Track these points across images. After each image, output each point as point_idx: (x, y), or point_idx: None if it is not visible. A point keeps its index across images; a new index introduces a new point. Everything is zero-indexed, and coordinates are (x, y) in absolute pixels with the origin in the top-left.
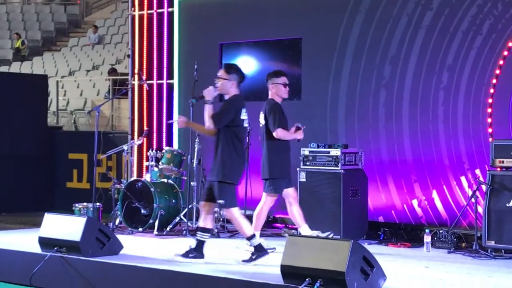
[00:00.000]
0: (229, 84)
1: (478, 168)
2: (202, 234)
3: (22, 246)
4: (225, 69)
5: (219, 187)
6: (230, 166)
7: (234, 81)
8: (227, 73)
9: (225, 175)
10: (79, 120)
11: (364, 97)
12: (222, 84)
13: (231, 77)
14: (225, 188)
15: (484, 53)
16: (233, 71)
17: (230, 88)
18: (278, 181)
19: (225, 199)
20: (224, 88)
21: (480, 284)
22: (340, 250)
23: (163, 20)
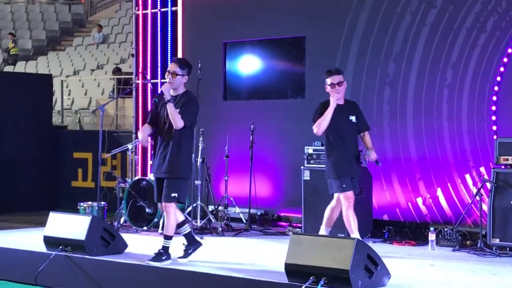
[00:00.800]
0: (182, 79)
1: (482, 165)
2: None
3: (27, 245)
4: (179, 63)
5: (178, 182)
6: (189, 164)
7: (186, 75)
8: (181, 68)
9: (185, 173)
10: (84, 119)
11: (368, 95)
12: (176, 79)
13: (185, 72)
14: (182, 184)
15: (488, 50)
16: (186, 66)
17: (182, 83)
18: None
19: (179, 193)
20: (178, 83)
21: (485, 282)
22: (344, 248)
23: (167, 19)
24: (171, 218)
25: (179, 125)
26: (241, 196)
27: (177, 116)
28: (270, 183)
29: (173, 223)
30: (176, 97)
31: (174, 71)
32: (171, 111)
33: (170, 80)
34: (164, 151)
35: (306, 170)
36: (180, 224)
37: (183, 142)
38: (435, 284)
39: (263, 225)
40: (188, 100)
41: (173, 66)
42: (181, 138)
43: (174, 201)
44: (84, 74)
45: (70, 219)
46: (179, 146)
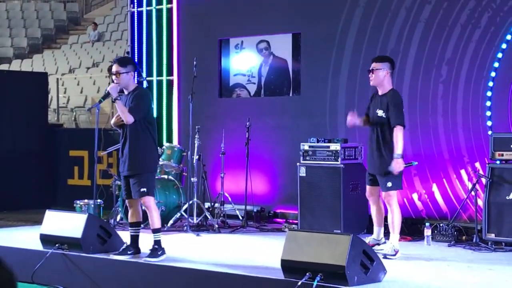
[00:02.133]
0: (128, 76)
1: (477, 161)
2: (133, 229)
3: (24, 243)
4: (120, 63)
5: (144, 177)
6: (150, 156)
7: (132, 72)
8: (124, 67)
9: (149, 166)
10: (80, 117)
11: (363, 91)
12: (122, 78)
13: (129, 69)
14: (149, 177)
15: (482, 46)
16: (128, 63)
17: (129, 81)
18: None
19: (148, 187)
20: (124, 81)
21: (480, 276)
22: (340, 244)
23: (162, 16)
24: (152, 211)
25: (129, 120)
26: (237, 193)
27: (125, 112)
28: (266, 179)
29: (155, 215)
30: (128, 94)
31: (117, 71)
32: (120, 108)
33: (116, 80)
34: (124, 149)
35: (302, 167)
36: (134, 224)
37: (140, 137)
38: (431, 279)
39: (259, 221)
40: (136, 95)
41: (115, 66)
42: (138, 133)
43: (145, 195)
44: (80, 72)
45: (67, 217)
46: (137, 142)
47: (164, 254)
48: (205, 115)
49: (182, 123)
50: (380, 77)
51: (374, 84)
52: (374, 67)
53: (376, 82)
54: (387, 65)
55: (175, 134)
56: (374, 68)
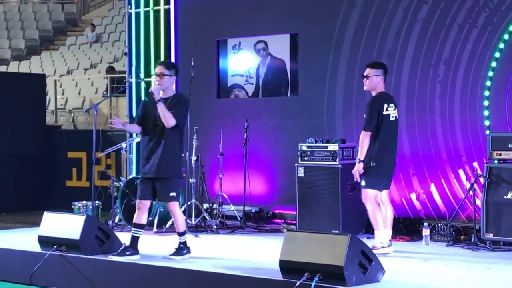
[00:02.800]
0: (170, 80)
1: (475, 161)
2: (137, 230)
3: (22, 245)
4: (165, 65)
5: (174, 182)
6: (180, 161)
7: (174, 76)
8: (168, 69)
9: (179, 171)
10: (78, 118)
11: (361, 91)
12: (164, 80)
13: (172, 73)
14: (178, 183)
15: (480, 46)
16: (173, 67)
17: (171, 85)
18: None
19: (176, 192)
20: (166, 84)
21: (479, 276)
22: (338, 245)
23: (159, 17)
24: (177, 215)
25: (171, 123)
26: (236, 194)
27: (168, 115)
28: (264, 180)
29: (180, 218)
30: (167, 99)
31: (161, 72)
32: (162, 110)
33: (158, 82)
34: (155, 151)
35: (300, 167)
36: (138, 225)
37: (175, 142)
38: (429, 279)
39: (257, 222)
40: (178, 100)
41: (160, 68)
42: (174, 138)
43: (174, 200)
44: (78, 73)
45: (65, 219)
46: (172, 146)
47: (189, 253)
48: (203, 116)
49: None
50: (374, 83)
51: (368, 89)
52: (368, 73)
53: (370, 87)
54: (381, 71)
55: None
56: (368, 75)
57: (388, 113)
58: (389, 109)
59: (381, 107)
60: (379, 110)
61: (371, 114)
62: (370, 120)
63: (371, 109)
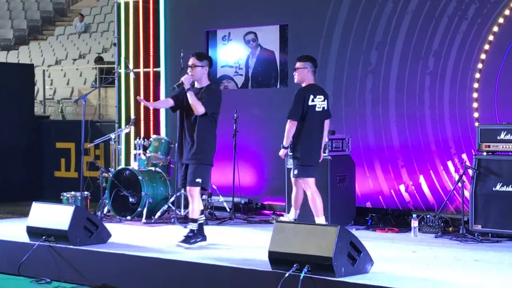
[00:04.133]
0: (202, 70)
1: (464, 152)
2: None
3: (10, 235)
4: (197, 56)
5: (202, 168)
6: (210, 150)
7: (206, 67)
8: (200, 61)
9: (210, 159)
10: (66, 109)
11: (350, 83)
12: (196, 71)
13: (204, 64)
14: (206, 170)
15: (469, 38)
16: (205, 58)
17: (203, 75)
18: None
19: (203, 179)
20: (198, 75)
21: (467, 267)
22: (327, 236)
23: (148, 8)
24: (195, 202)
25: (200, 111)
26: (225, 185)
27: (198, 103)
28: (253, 171)
29: (197, 206)
30: (201, 89)
31: (193, 63)
32: (192, 98)
33: (191, 72)
34: (189, 139)
35: (289, 159)
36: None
37: (207, 130)
38: (418, 270)
39: (247, 213)
40: (210, 90)
41: (192, 59)
42: (205, 126)
43: (198, 186)
44: (66, 63)
45: (53, 209)
46: (204, 133)
47: (204, 241)
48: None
49: (169, 115)
50: (302, 75)
51: (297, 81)
52: (297, 66)
53: (298, 80)
54: (309, 64)
55: (162, 126)
56: (297, 68)
57: (314, 104)
58: (315, 100)
59: (306, 98)
60: (304, 100)
61: (296, 104)
62: (294, 110)
63: (296, 99)
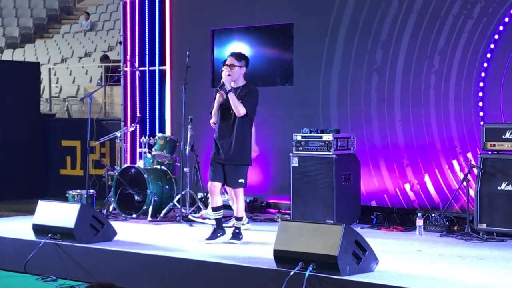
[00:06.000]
0: (240, 71)
1: (469, 151)
2: (217, 212)
3: (16, 233)
4: (235, 56)
5: (243, 169)
6: (249, 150)
7: (244, 67)
8: (238, 61)
9: (248, 159)
10: (72, 107)
11: (356, 82)
12: (235, 71)
13: (242, 64)
14: (245, 170)
15: (475, 37)
16: (243, 58)
17: (241, 75)
18: None
19: (245, 179)
20: (237, 74)
21: (472, 267)
22: (332, 235)
23: (154, 6)
24: (240, 200)
25: (241, 112)
26: None
27: (239, 105)
28: (258, 170)
29: (243, 205)
30: (237, 89)
31: (231, 63)
32: (233, 100)
33: (229, 72)
34: (229, 139)
35: (294, 157)
36: (216, 208)
37: (246, 130)
38: (423, 269)
39: (252, 212)
40: (249, 91)
41: (231, 59)
42: (244, 126)
43: (242, 186)
44: (72, 61)
45: (59, 207)
46: (243, 134)
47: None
48: (198, 105)
49: (175, 113)
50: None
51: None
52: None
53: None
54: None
55: (168, 125)
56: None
57: None
58: None
59: None
60: None
61: None
62: None
63: None
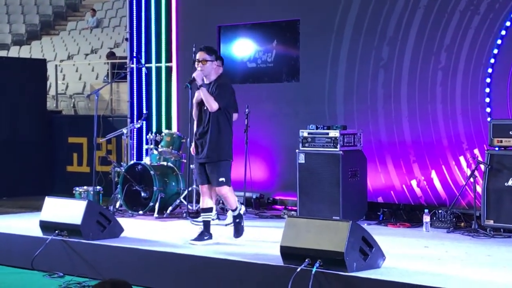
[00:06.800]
0: (212, 65)
1: (476, 147)
2: (206, 214)
3: (23, 230)
4: (206, 51)
5: (222, 165)
6: (228, 145)
7: (215, 61)
8: (209, 55)
9: (226, 155)
10: (78, 104)
11: (362, 78)
12: (207, 66)
13: (213, 58)
14: (227, 167)
15: (482, 32)
16: (214, 52)
17: (212, 70)
18: None
19: (225, 177)
20: (208, 69)
21: (479, 263)
22: (339, 231)
23: (160, 2)
24: (230, 199)
25: (214, 107)
26: (237, 180)
27: (211, 99)
28: (265, 166)
29: (233, 201)
30: (210, 84)
31: (203, 58)
32: (204, 94)
33: (201, 68)
34: (204, 136)
35: (301, 153)
36: (205, 210)
37: (222, 125)
38: (430, 265)
39: (258, 208)
40: (222, 84)
41: (201, 54)
42: (219, 121)
43: (223, 185)
44: (78, 58)
45: (66, 204)
46: (219, 129)
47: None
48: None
49: (181, 110)
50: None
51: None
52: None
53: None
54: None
55: (174, 121)
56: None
57: None
58: None
59: None
60: None
61: None
62: None
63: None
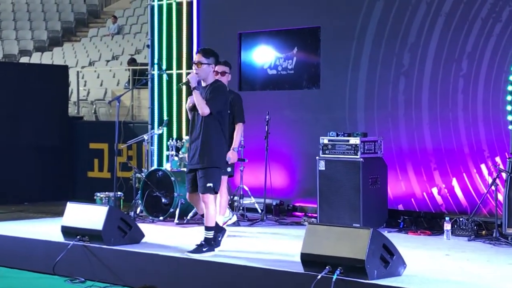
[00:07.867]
0: (209, 68)
1: (498, 155)
2: None
3: (45, 235)
4: (203, 53)
5: (211, 172)
6: (220, 151)
7: (213, 64)
8: (206, 58)
9: (217, 161)
10: (100, 110)
11: (383, 85)
12: (203, 69)
13: (210, 61)
14: (215, 173)
15: (503, 40)
16: (211, 55)
17: (209, 73)
18: None
19: (214, 183)
20: (205, 72)
21: (500, 271)
22: (360, 238)
23: (182, 9)
24: (210, 208)
25: (205, 112)
26: (257, 186)
27: (202, 103)
28: (285, 173)
29: (212, 213)
30: (206, 87)
31: (199, 60)
32: (197, 98)
33: (196, 70)
34: (195, 141)
35: (321, 161)
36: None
37: (212, 131)
38: (450, 273)
39: (278, 215)
40: (216, 88)
41: (198, 56)
42: (210, 127)
43: (210, 191)
44: (100, 65)
45: (87, 209)
46: (209, 135)
47: (212, 251)
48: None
49: None
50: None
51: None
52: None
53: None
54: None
55: None
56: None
57: None
58: None
59: None
60: None
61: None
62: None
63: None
